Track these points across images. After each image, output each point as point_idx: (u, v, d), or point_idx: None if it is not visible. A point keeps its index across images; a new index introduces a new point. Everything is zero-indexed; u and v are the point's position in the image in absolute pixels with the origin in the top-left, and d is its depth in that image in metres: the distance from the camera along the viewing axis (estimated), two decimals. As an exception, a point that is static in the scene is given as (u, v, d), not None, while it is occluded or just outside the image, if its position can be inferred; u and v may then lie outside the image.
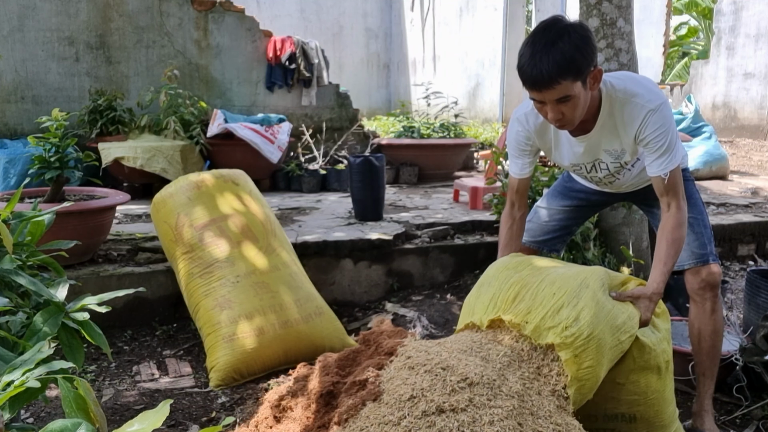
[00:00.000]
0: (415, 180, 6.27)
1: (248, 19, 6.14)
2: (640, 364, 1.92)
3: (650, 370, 1.94)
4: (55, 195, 3.33)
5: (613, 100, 2.03)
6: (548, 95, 1.88)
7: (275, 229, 3.14)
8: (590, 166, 2.25)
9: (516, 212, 2.35)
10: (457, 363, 1.67)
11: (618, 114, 2.04)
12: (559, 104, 1.90)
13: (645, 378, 1.94)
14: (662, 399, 1.99)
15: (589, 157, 2.20)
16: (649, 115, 1.98)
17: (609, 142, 2.12)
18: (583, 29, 1.87)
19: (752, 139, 8.39)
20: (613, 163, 2.19)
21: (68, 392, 1.01)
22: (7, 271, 1.48)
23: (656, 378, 1.95)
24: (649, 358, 1.93)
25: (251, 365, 2.70)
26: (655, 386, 1.96)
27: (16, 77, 5.48)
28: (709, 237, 2.28)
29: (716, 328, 2.25)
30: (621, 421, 1.97)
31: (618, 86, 2.03)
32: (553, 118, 1.96)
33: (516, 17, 8.62)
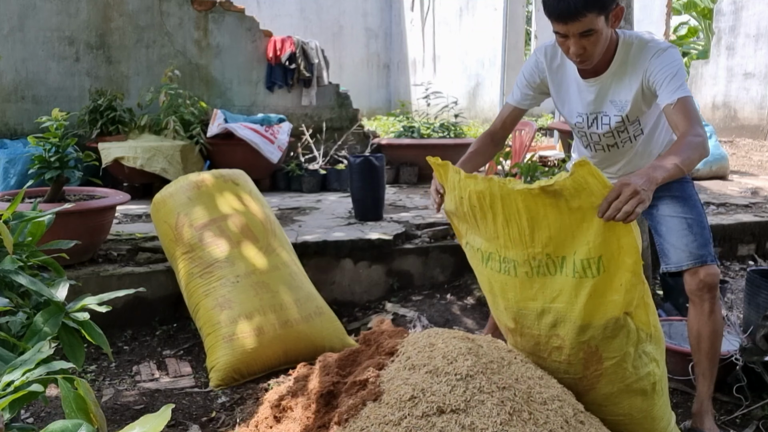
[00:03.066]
0: (415, 180, 6.26)
1: (248, 19, 6.14)
2: (620, 388, 1.86)
3: (633, 393, 1.88)
4: (55, 195, 3.33)
5: (627, 46, 2.13)
6: (573, 28, 1.96)
7: (275, 228, 3.14)
8: (593, 118, 2.28)
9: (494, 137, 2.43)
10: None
11: (631, 61, 2.13)
12: (581, 38, 1.99)
13: (628, 400, 1.89)
14: (650, 417, 1.94)
15: (594, 106, 2.24)
16: (658, 53, 2.08)
17: (617, 91, 2.18)
18: None
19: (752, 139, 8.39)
20: (615, 116, 2.22)
21: (68, 392, 1.02)
22: (8, 271, 1.48)
23: (641, 399, 1.89)
24: (631, 382, 1.86)
25: (251, 365, 2.70)
26: (640, 407, 1.90)
27: (16, 77, 5.48)
28: (707, 238, 2.29)
29: (715, 329, 2.24)
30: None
31: (634, 35, 2.16)
32: (575, 53, 2.03)
33: (516, 17, 8.62)
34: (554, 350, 1.88)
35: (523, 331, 1.94)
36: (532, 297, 1.86)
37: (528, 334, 1.93)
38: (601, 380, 1.86)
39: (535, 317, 1.88)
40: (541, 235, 1.77)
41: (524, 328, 1.93)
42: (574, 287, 1.78)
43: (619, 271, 1.72)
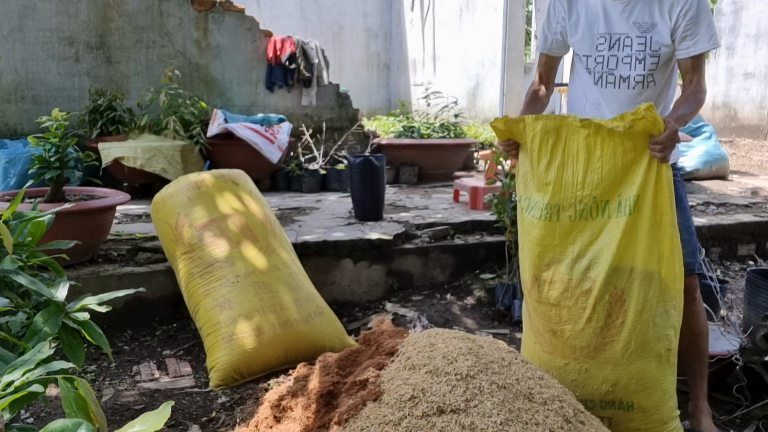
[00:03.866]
0: (415, 180, 6.26)
1: (248, 19, 6.14)
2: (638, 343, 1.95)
3: (649, 355, 1.95)
4: (55, 195, 3.33)
5: None
6: None
7: (275, 228, 3.14)
8: (615, 39, 2.29)
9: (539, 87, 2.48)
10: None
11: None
12: None
13: (643, 361, 1.96)
14: (661, 390, 2.00)
15: (618, 26, 2.26)
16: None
17: (643, 12, 2.21)
18: None
19: (752, 139, 8.39)
20: (638, 38, 2.24)
21: (68, 392, 1.02)
22: (8, 271, 1.48)
23: (655, 365, 1.97)
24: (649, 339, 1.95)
25: (251, 365, 2.70)
26: (652, 373, 1.97)
27: (16, 77, 5.48)
28: (695, 245, 2.31)
29: (700, 330, 2.29)
30: (618, 409, 2.00)
31: None
32: None
33: (516, 17, 8.61)
34: (582, 295, 1.99)
35: (555, 277, 2.05)
36: (572, 241, 2.01)
37: (559, 281, 2.05)
38: (622, 332, 1.95)
39: (571, 261, 2.01)
40: (593, 177, 1.98)
41: (557, 274, 2.05)
42: (611, 228, 1.94)
43: (653, 212, 1.91)
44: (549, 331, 2.10)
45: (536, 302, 2.12)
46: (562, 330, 2.05)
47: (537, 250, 2.09)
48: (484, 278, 3.79)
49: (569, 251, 2.02)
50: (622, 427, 2.03)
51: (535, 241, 2.08)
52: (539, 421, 1.60)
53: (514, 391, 1.66)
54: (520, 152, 2.19)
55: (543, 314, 2.10)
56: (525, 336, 2.33)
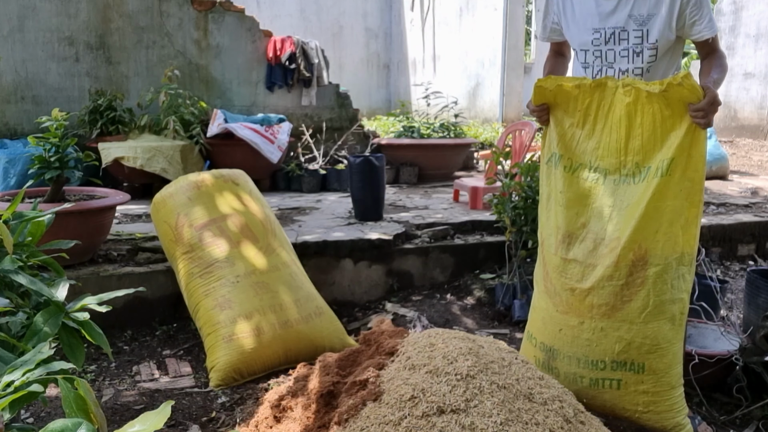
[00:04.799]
0: (415, 180, 6.26)
1: (248, 19, 6.14)
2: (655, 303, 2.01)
3: (664, 315, 2.01)
4: (55, 195, 3.33)
5: None
6: None
7: (275, 228, 3.14)
8: (610, 33, 2.29)
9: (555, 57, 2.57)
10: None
11: None
12: None
13: (658, 322, 2.02)
14: (672, 353, 2.05)
15: (613, 20, 2.27)
16: None
17: (638, 4, 2.22)
18: None
19: (752, 139, 8.39)
20: (635, 31, 2.24)
21: (68, 392, 1.02)
22: (8, 271, 1.48)
23: (669, 326, 2.03)
24: (666, 299, 2.01)
25: (251, 365, 2.70)
26: (666, 335, 2.03)
27: (16, 77, 5.48)
28: None
29: None
30: (629, 371, 2.03)
31: None
32: None
33: (516, 17, 8.61)
34: (608, 254, 2.05)
35: (587, 236, 2.14)
36: (610, 204, 2.09)
37: (590, 239, 2.13)
38: (641, 291, 2.01)
39: (606, 222, 2.09)
40: (634, 143, 2.06)
41: (590, 233, 2.13)
42: (645, 189, 2.01)
43: (682, 177, 1.98)
44: (568, 290, 2.16)
45: (561, 259, 2.19)
46: (581, 288, 2.11)
47: (576, 209, 2.17)
48: (484, 278, 3.79)
49: (606, 213, 2.10)
50: (631, 389, 2.07)
51: (576, 200, 2.17)
52: (539, 421, 1.60)
53: (514, 391, 1.66)
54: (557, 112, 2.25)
55: (565, 272, 2.17)
56: (535, 300, 2.37)
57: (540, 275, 2.32)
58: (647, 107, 2.03)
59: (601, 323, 2.07)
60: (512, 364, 1.79)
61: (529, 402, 1.66)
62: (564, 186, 2.21)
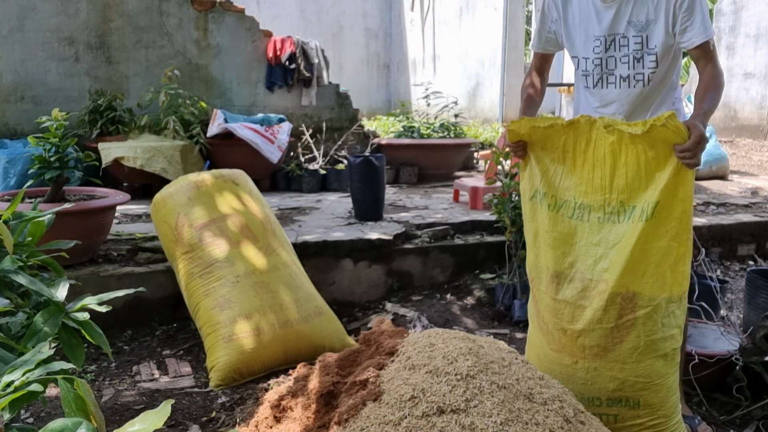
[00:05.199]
0: (415, 180, 6.26)
1: (248, 19, 6.14)
2: (646, 342, 1.98)
3: (656, 353, 1.99)
4: (55, 195, 3.33)
5: None
6: None
7: (275, 228, 3.14)
8: (610, 41, 2.28)
9: (534, 85, 2.47)
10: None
11: None
12: None
13: (650, 360, 1.99)
14: (666, 387, 2.03)
15: (612, 27, 2.26)
16: None
17: (636, 11, 2.20)
18: None
19: (752, 139, 8.39)
20: (634, 37, 2.23)
21: (68, 392, 1.01)
22: (8, 271, 1.48)
23: (662, 362, 2.01)
24: (657, 339, 1.98)
25: (251, 365, 2.70)
26: (659, 371, 2.01)
27: (15, 77, 5.48)
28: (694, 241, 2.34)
29: None
30: (625, 406, 2.03)
31: None
32: None
33: (516, 17, 8.61)
34: (597, 295, 2.02)
35: (575, 276, 2.09)
36: (596, 242, 2.04)
37: (579, 279, 2.08)
38: (631, 332, 1.98)
39: (593, 262, 2.04)
40: (619, 182, 2.00)
41: (578, 273, 2.09)
42: (632, 231, 1.96)
43: (668, 218, 1.93)
44: (559, 330, 2.12)
45: (551, 299, 2.15)
46: (573, 329, 2.08)
47: (563, 248, 2.12)
48: (484, 278, 3.79)
49: (593, 252, 2.06)
50: (628, 423, 2.06)
51: (563, 239, 2.12)
52: (539, 421, 1.60)
53: (514, 391, 1.66)
54: (536, 149, 2.19)
55: (556, 312, 2.13)
56: (531, 334, 2.34)
57: (533, 312, 2.30)
58: (631, 147, 1.97)
59: (594, 363, 2.05)
60: (512, 364, 1.79)
61: (529, 402, 1.66)
62: (550, 225, 2.16)
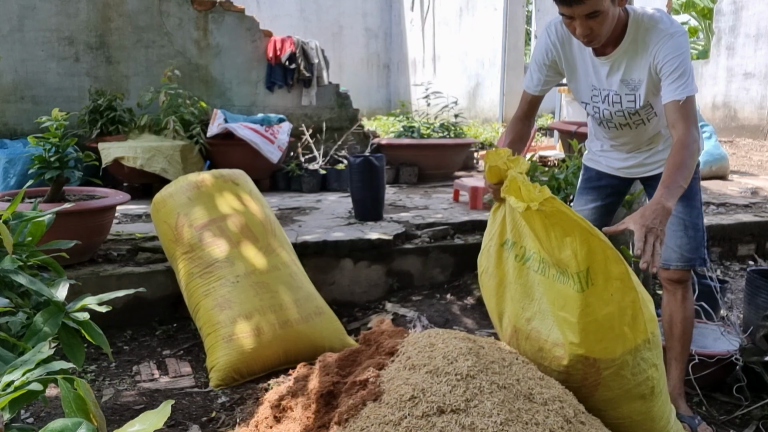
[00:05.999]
0: (415, 180, 6.26)
1: (248, 19, 6.14)
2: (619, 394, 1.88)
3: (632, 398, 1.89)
4: (55, 195, 3.33)
5: (638, 24, 2.11)
6: (578, 10, 1.95)
7: (275, 228, 3.14)
8: (605, 95, 2.27)
9: (522, 119, 2.40)
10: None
11: (641, 39, 2.11)
12: (588, 20, 1.97)
13: (627, 405, 1.90)
14: (650, 418, 1.95)
15: (607, 83, 2.24)
16: (666, 39, 2.05)
17: (629, 69, 2.17)
18: None
19: (752, 139, 8.39)
20: (627, 95, 2.22)
21: (68, 392, 1.01)
22: (8, 271, 1.48)
23: (640, 403, 1.91)
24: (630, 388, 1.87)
25: (251, 365, 2.70)
26: (639, 409, 1.92)
27: (15, 77, 5.48)
28: (700, 241, 2.33)
29: (687, 315, 2.35)
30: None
31: (645, 14, 2.12)
32: (582, 34, 2.03)
33: (516, 17, 8.62)
34: (555, 360, 1.90)
35: (531, 334, 1.96)
36: (551, 302, 1.89)
37: (535, 338, 1.95)
38: (599, 388, 1.87)
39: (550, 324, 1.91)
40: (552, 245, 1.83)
41: (533, 331, 1.96)
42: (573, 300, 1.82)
43: (608, 281, 1.77)
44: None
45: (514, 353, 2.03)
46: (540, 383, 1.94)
47: (523, 302, 1.99)
48: (484, 278, 3.79)
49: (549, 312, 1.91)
50: None
51: (524, 293, 1.98)
52: (539, 421, 1.60)
53: (514, 391, 1.66)
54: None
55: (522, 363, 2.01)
56: None
57: None
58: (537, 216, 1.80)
59: None
60: (513, 364, 1.79)
61: (530, 402, 1.66)
62: (515, 276, 2.04)
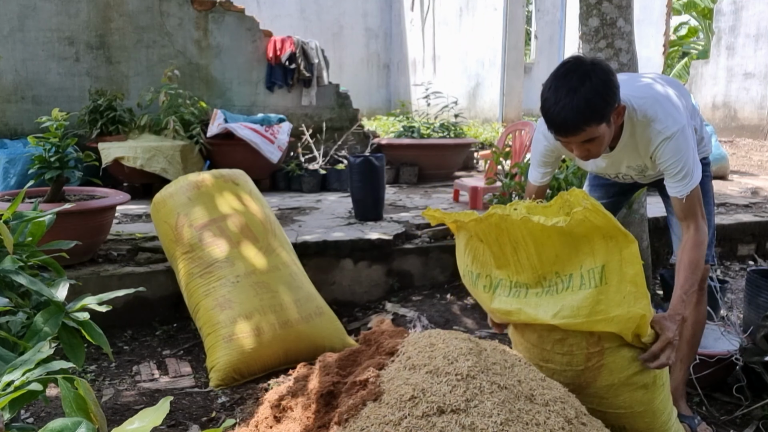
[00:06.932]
0: (415, 180, 6.26)
1: (248, 19, 6.14)
2: (621, 379, 1.88)
3: (634, 386, 1.89)
4: (55, 195, 3.33)
5: (634, 123, 2.06)
6: (574, 139, 1.94)
7: (275, 229, 3.14)
8: (614, 175, 2.36)
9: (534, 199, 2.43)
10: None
11: (639, 136, 2.08)
12: (584, 143, 1.95)
13: (629, 393, 1.90)
14: (651, 411, 1.95)
15: (612, 169, 2.29)
16: (664, 143, 2.01)
17: (631, 158, 2.18)
18: (603, 72, 1.87)
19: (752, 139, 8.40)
20: (637, 175, 2.29)
21: (68, 392, 1.01)
22: (8, 271, 1.48)
23: (642, 392, 1.91)
24: (632, 374, 1.87)
25: (251, 365, 2.70)
26: (641, 400, 1.92)
27: (16, 77, 5.48)
28: (711, 238, 2.34)
29: (699, 318, 2.37)
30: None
31: (639, 109, 2.04)
32: (578, 155, 2.03)
33: (516, 17, 8.61)
34: (557, 343, 1.91)
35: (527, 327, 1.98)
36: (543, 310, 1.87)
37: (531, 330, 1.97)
38: (602, 371, 1.88)
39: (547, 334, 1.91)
40: (548, 254, 1.83)
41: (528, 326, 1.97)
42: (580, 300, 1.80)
43: (621, 282, 1.76)
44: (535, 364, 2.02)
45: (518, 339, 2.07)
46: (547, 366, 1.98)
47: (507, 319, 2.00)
48: (484, 278, 3.79)
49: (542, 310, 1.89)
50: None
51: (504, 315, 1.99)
52: (540, 422, 1.60)
53: (515, 392, 1.66)
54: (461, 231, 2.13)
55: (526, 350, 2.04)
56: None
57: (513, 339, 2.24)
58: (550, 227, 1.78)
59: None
60: (515, 366, 1.79)
61: (530, 403, 1.66)
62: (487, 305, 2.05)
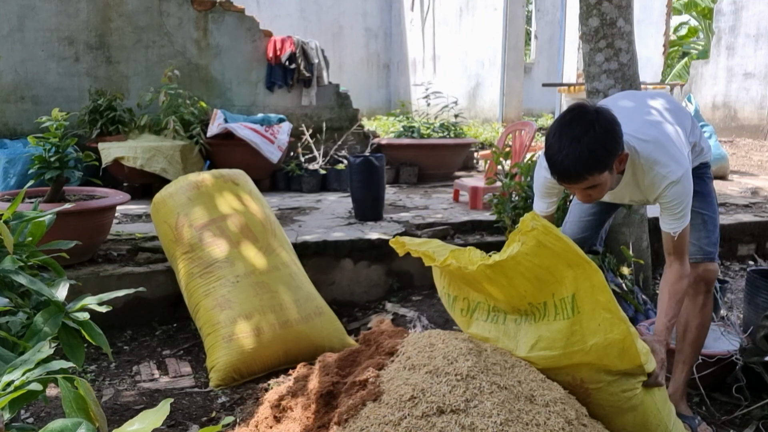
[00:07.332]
0: (415, 180, 6.26)
1: (248, 19, 6.14)
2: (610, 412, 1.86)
3: (624, 412, 1.87)
4: (55, 195, 3.33)
5: (636, 165, 2.08)
6: (576, 186, 1.96)
7: (275, 228, 3.14)
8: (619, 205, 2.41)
9: None
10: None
11: (640, 177, 2.10)
12: (586, 189, 1.98)
13: (621, 418, 1.88)
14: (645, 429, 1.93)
15: (618, 200, 2.34)
16: (669, 187, 2.04)
17: (633, 194, 2.21)
18: (607, 121, 1.88)
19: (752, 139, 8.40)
20: (637, 203, 2.33)
21: (68, 392, 1.01)
22: (8, 271, 1.48)
23: (632, 415, 1.89)
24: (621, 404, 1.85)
25: (251, 365, 2.70)
26: (633, 422, 1.90)
27: (15, 77, 5.48)
28: (717, 237, 2.37)
29: (703, 321, 2.37)
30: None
31: (642, 152, 2.05)
32: (581, 199, 2.06)
33: (516, 17, 8.62)
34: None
35: None
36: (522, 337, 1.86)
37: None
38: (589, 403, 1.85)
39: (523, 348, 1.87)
40: (519, 286, 1.78)
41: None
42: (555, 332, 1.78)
43: (595, 310, 1.72)
44: None
45: None
46: None
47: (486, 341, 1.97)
48: (484, 278, 3.79)
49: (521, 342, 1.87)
50: None
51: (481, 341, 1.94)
52: (540, 422, 1.60)
53: (515, 392, 1.66)
54: None
55: None
56: None
57: None
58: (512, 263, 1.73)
59: None
60: (515, 366, 1.79)
61: (530, 403, 1.66)
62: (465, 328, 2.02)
